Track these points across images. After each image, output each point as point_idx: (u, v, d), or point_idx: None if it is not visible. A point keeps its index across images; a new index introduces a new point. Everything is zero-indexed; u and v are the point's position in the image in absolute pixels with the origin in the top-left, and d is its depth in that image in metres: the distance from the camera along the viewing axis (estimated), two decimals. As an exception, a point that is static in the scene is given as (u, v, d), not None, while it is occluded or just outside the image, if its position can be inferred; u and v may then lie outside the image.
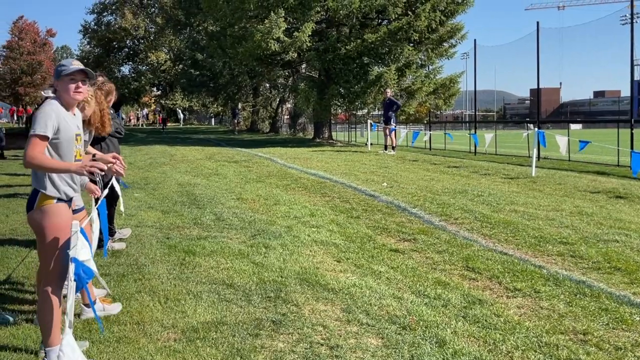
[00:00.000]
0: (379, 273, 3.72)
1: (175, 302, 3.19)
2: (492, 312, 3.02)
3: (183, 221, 5.40)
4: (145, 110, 45.23)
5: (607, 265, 3.78)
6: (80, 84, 2.48)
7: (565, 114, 64.61)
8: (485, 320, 2.91)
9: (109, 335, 2.79)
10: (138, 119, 44.35)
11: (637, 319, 2.93)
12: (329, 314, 3.01)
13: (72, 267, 2.01)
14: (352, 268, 3.85)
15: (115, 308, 3.05)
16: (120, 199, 4.19)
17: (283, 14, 14.38)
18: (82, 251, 2.10)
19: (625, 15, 12.89)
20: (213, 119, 47.24)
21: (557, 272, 3.68)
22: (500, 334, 2.75)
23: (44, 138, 2.36)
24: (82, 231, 2.33)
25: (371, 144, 15.27)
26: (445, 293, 3.32)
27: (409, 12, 14.71)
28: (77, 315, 2.95)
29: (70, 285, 2.01)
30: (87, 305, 2.95)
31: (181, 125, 37.20)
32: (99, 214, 3.09)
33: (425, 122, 19.15)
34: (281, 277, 3.63)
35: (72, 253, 2.09)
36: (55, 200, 2.45)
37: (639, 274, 3.57)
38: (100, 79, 3.76)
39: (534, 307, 3.13)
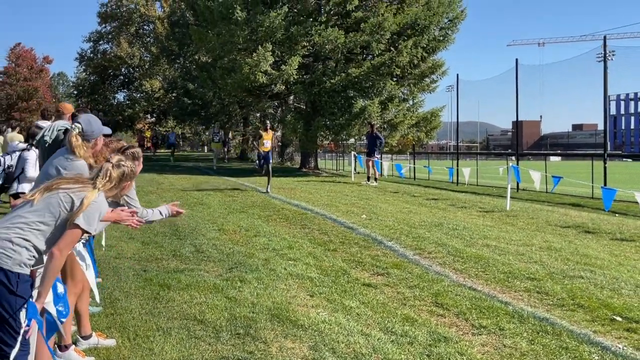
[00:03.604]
0: (350, 308, 3.77)
1: (144, 339, 3.19)
2: (456, 350, 3.08)
3: (162, 253, 5.41)
4: (173, 135, 34.24)
5: (571, 302, 3.89)
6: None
7: (545, 146, 66.74)
8: (449, 359, 2.97)
9: (73, 373, 2.79)
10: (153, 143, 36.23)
11: (596, 358, 3.01)
12: (296, 351, 3.04)
13: (23, 313, 2.01)
14: (324, 303, 3.90)
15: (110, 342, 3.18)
16: (103, 232, 4.22)
17: (271, 48, 14.81)
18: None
19: (601, 53, 13.50)
20: (205, 146, 47.44)
21: (523, 308, 3.77)
22: (461, 373, 2.81)
23: None
24: None
25: (358, 173, 15.46)
26: (413, 330, 3.38)
27: (392, 48, 15.27)
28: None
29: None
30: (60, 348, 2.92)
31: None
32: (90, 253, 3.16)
33: (409, 152, 19.52)
34: (253, 312, 3.66)
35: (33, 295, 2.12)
36: None
37: (600, 312, 3.68)
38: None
39: (497, 345, 3.20)
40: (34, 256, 2.03)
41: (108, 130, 3.14)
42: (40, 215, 2.05)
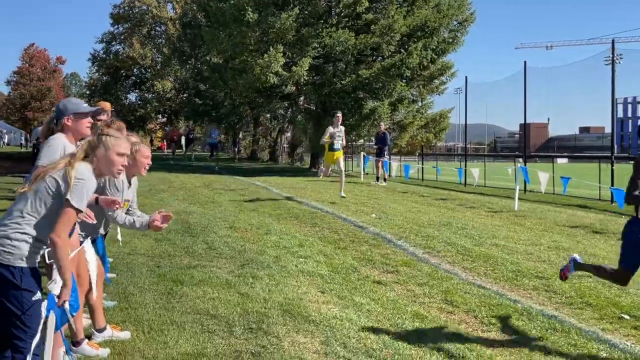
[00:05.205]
0: (361, 305, 3.83)
1: (159, 333, 3.26)
2: (466, 347, 3.13)
3: (175, 249, 5.50)
4: (216, 132, 27.98)
5: (579, 301, 3.91)
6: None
7: (552, 148, 66.37)
8: (459, 355, 3.02)
9: (89, 365, 2.87)
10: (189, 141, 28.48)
11: (604, 355, 3.04)
12: (308, 346, 3.10)
13: (45, 304, 2.06)
14: (335, 299, 3.96)
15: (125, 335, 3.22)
16: (118, 228, 4.31)
17: (282, 49, 14.92)
18: (57, 286, 2.16)
19: (609, 56, 13.41)
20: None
21: (531, 306, 3.80)
22: (470, 368, 2.85)
23: None
24: None
25: (367, 173, 15.49)
26: (422, 326, 3.43)
27: (402, 50, 15.32)
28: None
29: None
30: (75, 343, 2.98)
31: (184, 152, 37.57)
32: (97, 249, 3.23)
33: (418, 154, 19.53)
34: (265, 308, 3.73)
35: (50, 287, 2.16)
36: None
37: (609, 310, 3.70)
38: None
39: (506, 342, 3.24)
40: (37, 246, 2.05)
41: (84, 109, 2.88)
42: (32, 204, 2.06)
